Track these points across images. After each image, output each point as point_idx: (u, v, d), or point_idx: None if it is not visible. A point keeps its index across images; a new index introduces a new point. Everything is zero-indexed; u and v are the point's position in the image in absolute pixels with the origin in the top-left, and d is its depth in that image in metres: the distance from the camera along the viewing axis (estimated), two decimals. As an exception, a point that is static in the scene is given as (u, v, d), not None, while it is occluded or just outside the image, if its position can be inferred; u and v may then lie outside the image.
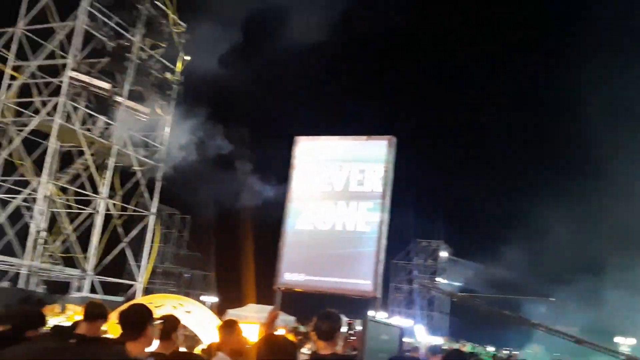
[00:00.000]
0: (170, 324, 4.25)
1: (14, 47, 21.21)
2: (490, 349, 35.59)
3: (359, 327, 25.54)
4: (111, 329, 5.85)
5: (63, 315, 13.94)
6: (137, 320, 3.53)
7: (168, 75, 23.61)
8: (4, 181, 21.26)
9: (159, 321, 4.08)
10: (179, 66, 24.26)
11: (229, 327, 4.66)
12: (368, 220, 8.09)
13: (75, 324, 5.52)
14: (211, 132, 22.16)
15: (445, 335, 44.16)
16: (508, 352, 35.24)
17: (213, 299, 37.69)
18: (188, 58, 24.42)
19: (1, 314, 6.93)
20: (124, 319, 3.55)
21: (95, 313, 4.77)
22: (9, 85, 21.22)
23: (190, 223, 49.00)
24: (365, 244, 7.94)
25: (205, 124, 22.14)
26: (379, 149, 8.30)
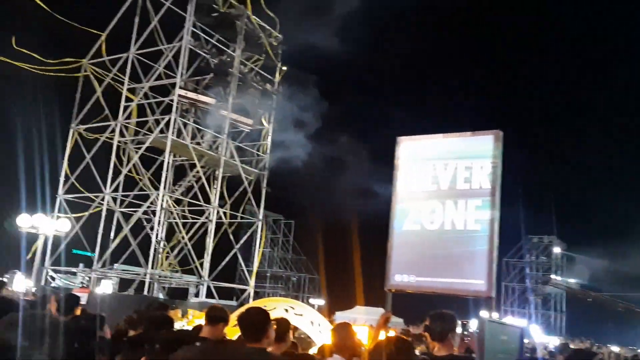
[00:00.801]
0: (283, 326, 4.39)
1: (128, 70, 22.88)
2: (615, 348, 33.19)
3: (472, 328, 24.79)
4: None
5: (184, 320, 14.79)
6: (257, 323, 3.67)
7: (268, 86, 24.40)
8: (126, 196, 22.97)
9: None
10: (277, 76, 24.99)
11: (343, 330, 4.71)
12: (478, 218, 7.79)
13: (198, 328, 5.84)
14: (312, 136, 22.57)
15: (562, 335, 41.76)
16: (634, 350, 32.65)
17: (321, 301, 38.23)
18: (285, 68, 25.08)
19: (133, 319, 7.50)
20: (243, 322, 3.70)
21: (217, 317, 5.01)
22: (125, 107, 22.91)
23: (295, 227, 50.00)
24: (477, 243, 7.66)
25: (306, 129, 22.59)
26: (485, 144, 7.95)
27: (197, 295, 22.64)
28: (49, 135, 21.69)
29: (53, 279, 23.01)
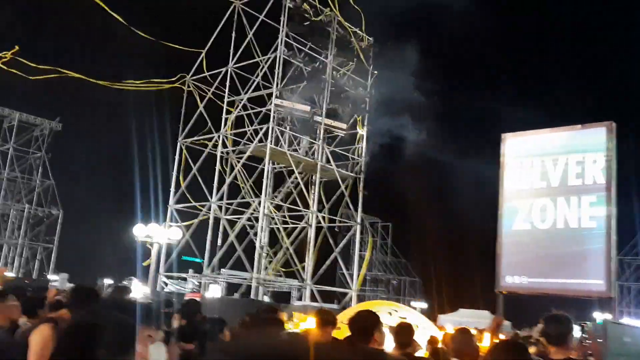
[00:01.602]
0: (408, 332, 4.37)
1: (227, 84, 23.90)
2: None
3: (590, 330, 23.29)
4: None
5: (290, 323, 15.16)
6: (365, 326, 3.72)
7: (360, 90, 24.50)
8: (230, 204, 23.95)
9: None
10: (369, 80, 25.03)
11: (463, 335, 4.64)
12: (593, 215, 7.35)
13: (308, 331, 5.97)
14: (408, 136, 22.37)
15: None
16: None
17: (423, 304, 37.63)
18: (376, 72, 25.06)
19: (246, 322, 7.80)
20: (353, 324, 3.76)
21: (327, 320, 5.11)
22: (226, 119, 23.93)
23: (393, 230, 49.66)
24: (592, 241, 7.22)
25: (400, 130, 22.43)
26: (597, 137, 7.47)
27: (300, 298, 23.10)
28: (158, 149, 23.13)
29: (166, 284, 24.35)
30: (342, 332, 5.19)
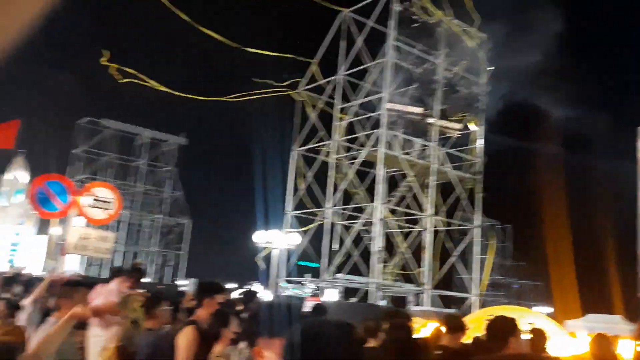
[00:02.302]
0: (543, 338, 4.26)
1: (339, 92, 24.31)
2: None
3: None
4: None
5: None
6: (502, 331, 3.67)
7: (474, 88, 23.82)
8: (344, 209, 24.30)
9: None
10: (483, 77, 24.27)
11: (602, 341, 4.44)
12: None
13: (437, 336, 5.94)
14: (527, 133, 21.42)
15: None
16: None
17: (547, 309, 35.71)
18: (491, 68, 24.24)
19: (370, 327, 7.88)
20: (489, 329, 3.73)
21: (457, 326, 5.08)
22: (338, 126, 24.33)
23: (513, 232, 47.78)
24: None
25: (519, 126, 21.54)
26: None
27: (417, 303, 22.84)
28: (273, 159, 24.06)
29: (284, 289, 25.15)
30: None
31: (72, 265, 20.89)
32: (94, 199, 8.58)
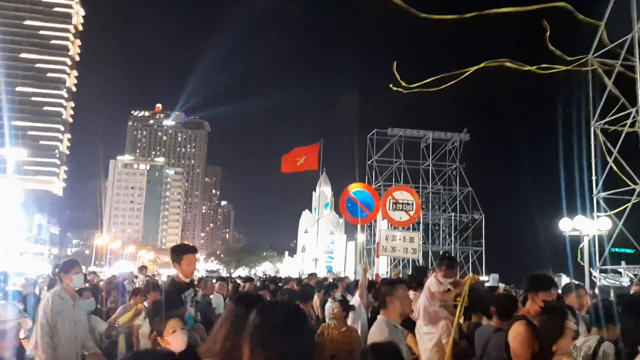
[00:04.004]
0: None
1: (636, 52, 21.13)
2: None
3: None
4: None
5: None
6: None
7: None
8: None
9: None
10: None
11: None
12: None
13: None
14: None
15: None
16: None
17: None
18: None
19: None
20: None
21: None
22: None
23: None
24: None
25: None
26: None
27: None
28: (572, 139, 22.11)
29: (597, 279, 22.84)
30: None
31: (381, 267, 22.51)
32: (394, 202, 9.14)
